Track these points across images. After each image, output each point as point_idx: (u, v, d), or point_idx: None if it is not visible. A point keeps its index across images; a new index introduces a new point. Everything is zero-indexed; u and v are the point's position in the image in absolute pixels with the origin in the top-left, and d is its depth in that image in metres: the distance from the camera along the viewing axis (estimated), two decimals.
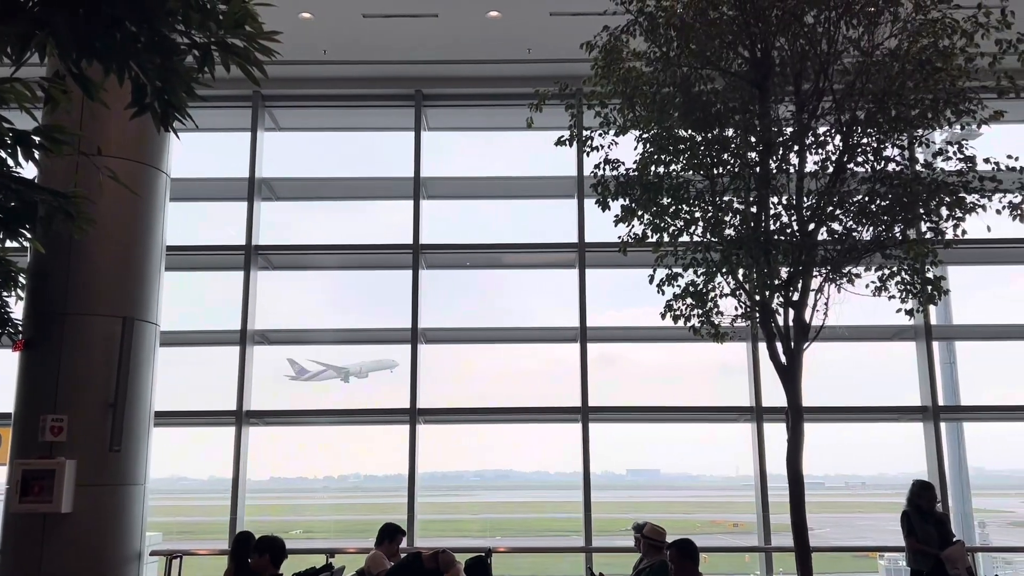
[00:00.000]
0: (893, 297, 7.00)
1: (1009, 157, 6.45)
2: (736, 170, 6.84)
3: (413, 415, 10.80)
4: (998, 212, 6.50)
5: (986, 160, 6.51)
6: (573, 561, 11.43)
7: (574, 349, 11.00)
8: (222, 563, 7.40)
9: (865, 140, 6.72)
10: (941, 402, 10.95)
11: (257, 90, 11.34)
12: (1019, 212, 6.40)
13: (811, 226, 6.68)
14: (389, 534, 7.37)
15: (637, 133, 7.08)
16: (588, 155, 7.30)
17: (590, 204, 7.77)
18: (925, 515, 7.41)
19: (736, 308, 7.11)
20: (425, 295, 11.34)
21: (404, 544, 7.78)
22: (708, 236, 6.97)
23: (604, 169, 7.13)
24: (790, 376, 6.70)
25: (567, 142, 7.19)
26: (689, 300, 7.21)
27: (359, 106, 11.99)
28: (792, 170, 6.81)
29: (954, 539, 7.43)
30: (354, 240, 11.79)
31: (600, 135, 7.17)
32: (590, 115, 7.27)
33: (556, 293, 11.82)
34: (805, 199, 6.76)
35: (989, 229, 6.52)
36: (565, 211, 11.65)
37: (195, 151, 11.49)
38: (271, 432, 11.59)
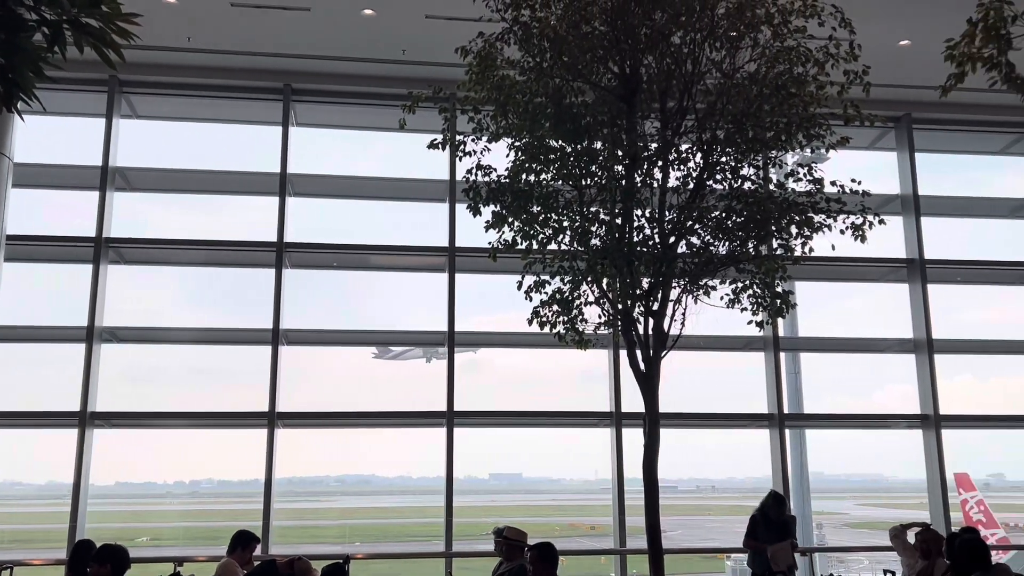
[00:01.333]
0: (745, 309, 7.34)
1: (853, 181, 6.90)
2: (603, 182, 7.01)
3: (272, 418, 10.48)
4: (842, 232, 6.93)
5: (832, 183, 6.94)
6: (434, 566, 11.37)
7: (442, 353, 10.98)
8: (58, 574, 6.95)
9: (724, 159, 7.02)
10: (786, 410, 11.57)
11: (114, 74, 10.74)
12: (860, 233, 6.84)
13: (672, 239, 6.92)
14: (242, 541, 7.10)
15: (510, 140, 7.14)
16: (460, 160, 7.31)
17: (462, 209, 7.78)
18: (770, 523, 7.83)
19: (599, 316, 7.28)
20: (289, 295, 11.05)
21: (259, 551, 7.53)
22: (575, 245, 7.10)
23: (476, 175, 7.15)
24: (648, 383, 6.91)
25: (439, 145, 7.18)
26: (555, 307, 7.31)
27: (224, 97, 11.54)
28: (656, 184, 7.04)
29: (792, 541, 7.88)
30: (214, 236, 11.34)
31: (473, 140, 7.19)
32: (464, 120, 7.28)
33: (425, 297, 11.77)
34: (667, 213, 7.00)
35: (833, 248, 6.93)
36: (437, 215, 11.61)
37: (44, 135, 10.77)
38: (119, 435, 10.98)
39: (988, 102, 10.96)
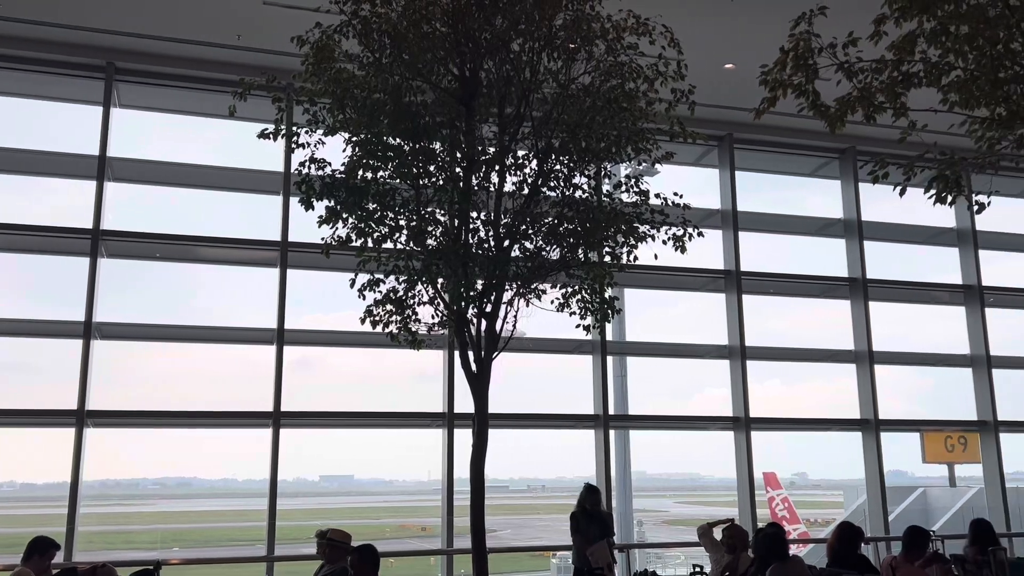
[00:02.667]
0: (574, 313, 7.56)
1: (675, 195, 7.25)
2: (441, 183, 7.02)
3: (81, 417, 9.78)
4: (664, 243, 7.27)
5: (656, 195, 7.26)
6: (256, 571, 10.99)
7: (270, 351, 10.62)
8: None
9: (558, 167, 7.20)
10: (611, 411, 12.00)
11: None
12: (680, 244, 7.20)
13: (506, 243, 7.02)
14: (39, 548, 6.58)
15: (347, 135, 7.03)
16: (294, 152, 7.13)
17: (296, 202, 7.56)
18: (591, 515, 8.10)
19: (433, 316, 7.29)
20: (106, 287, 10.36)
21: (60, 559, 7.01)
22: (411, 245, 7.07)
23: (310, 168, 6.99)
24: (479, 383, 6.98)
25: (271, 136, 6.95)
26: (389, 306, 7.26)
27: (39, 72, 10.64)
28: (492, 188, 7.12)
29: (612, 537, 8.19)
30: (18, 220, 10.40)
31: (307, 133, 7.02)
32: (300, 111, 7.10)
33: (256, 292, 11.36)
34: (502, 217, 7.10)
35: (656, 257, 7.26)
36: (270, 207, 11.22)
37: None
38: None
39: (802, 127, 11.83)
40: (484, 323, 7.04)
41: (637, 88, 7.02)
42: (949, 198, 5.88)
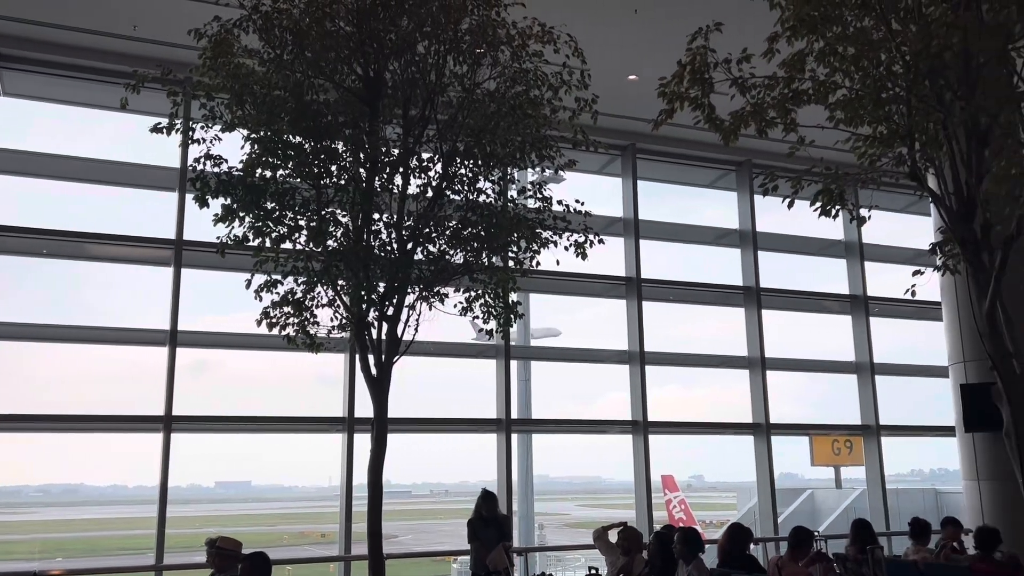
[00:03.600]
0: (477, 317, 7.58)
1: (577, 202, 7.35)
2: (342, 183, 6.93)
3: None
4: (566, 249, 7.36)
5: (559, 202, 7.35)
6: None
7: (163, 353, 10.26)
8: None
9: (463, 171, 7.20)
10: (515, 415, 12.07)
11: None
12: (581, 250, 7.29)
13: (409, 245, 6.98)
14: None
15: (245, 132, 6.86)
16: (190, 147, 6.92)
17: (191, 199, 7.32)
18: (488, 521, 8.11)
19: (332, 319, 7.18)
20: None
21: None
22: (311, 245, 6.95)
23: (205, 164, 6.79)
24: (379, 387, 6.91)
25: (164, 130, 6.72)
26: (287, 308, 7.12)
27: None
28: (396, 190, 7.07)
29: (509, 541, 8.23)
30: None
31: (203, 128, 6.83)
32: (197, 106, 6.89)
33: (149, 292, 10.95)
34: (406, 219, 7.05)
35: (558, 263, 7.34)
36: (165, 204, 10.84)
37: None
38: None
39: (701, 139, 12.16)
40: (385, 326, 6.98)
41: (542, 95, 7.09)
42: (833, 211, 6.16)
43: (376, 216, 7.01)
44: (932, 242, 6.79)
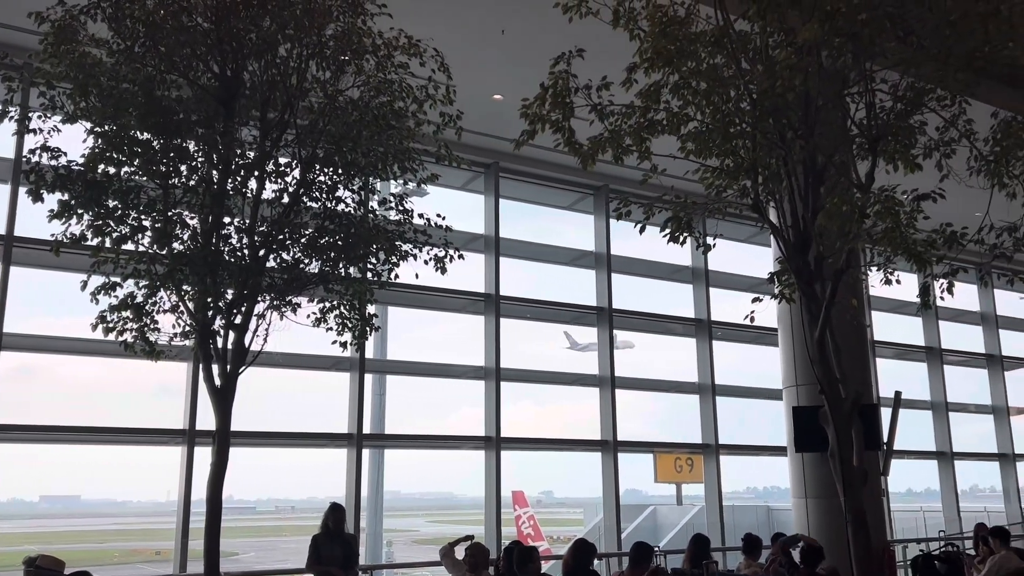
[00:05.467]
0: (331, 329, 7.40)
1: (438, 216, 7.34)
2: (192, 184, 6.64)
3: None
4: (426, 263, 7.33)
5: (420, 215, 7.32)
6: None
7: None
8: None
9: (322, 178, 7.05)
10: (368, 430, 11.87)
11: None
12: (441, 265, 7.29)
13: (262, 252, 6.75)
14: None
15: (89, 125, 6.47)
16: (26, 137, 6.45)
17: (24, 193, 6.82)
18: (333, 536, 7.91)
19: (175, 326, 6.84)
20: None
21: None
22: (155, 248, 6.61)
23: (42, 156, 6.35)
24: (223, 399, 6.63)
25: None
26: (126, 313, 6.72)
27: None
28: (250, 194, 6.83)
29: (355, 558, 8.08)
30: None
31: (41, 118, 6.39)
32: (36, 94, 6.45)
33: None
34: (259, 225, 6.82)
35: (417, 276, 7.31)
36: None
37: None
38: None
39: (563, 162, 12.43)
40: (232, 335, 6.71)
41: (406, 107, 7.05)
42: (681, 238, 6.43)
43: (227, 220, 6.75)
44: (770, 271, 7.19)
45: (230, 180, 6.67)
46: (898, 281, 6.76)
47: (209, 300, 6.46)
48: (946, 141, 6.50)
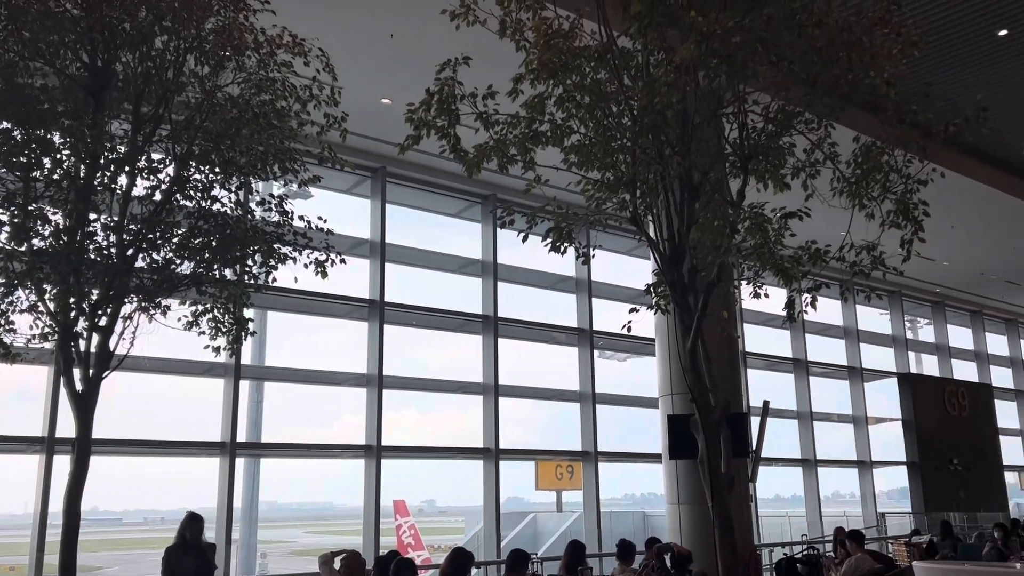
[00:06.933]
0: (204, 333, 7.13)
1: (320, 219, 7.20)
2: (56, 178, 6.28)
3: None
4: (306, 267, 7.16)
5: (301, 218, 7.15)
6: None
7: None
8: None
9: (198, 176, 6.80)
10: (244, 438, 11.50)
11: None
12: (322, 269, 7.14)
13: (130, 251, 6.45)
14: None
15: None
16: None
17: None
18: (189, 547, 7.58)
19: (32, 327, 6.44)
20: None
21: None
22: (12, 244, 6.22)
23: None
24: (84, 405, 6.29)
25: None
26: None
27: None
28: (119, 190, 6.52)
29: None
30: None
31: None
32: None
33: None
34: (128, 223, 6.52)
35: (296, 280, 7.13)
36: None
37: None
38: None
39: (452, 170, 12.37)
40: (96, 338, 6.38)
41: (289, 107, 6.89)
42: (563, 248, 6.53)
43: (93, 217, 6.42)
44: (647, 283, 7.39)
45: (98, 175, 6.34)
46: (766, 295, 7.06)
47: (72, 300, 6.13)
48: (812, 162, 6.84)
